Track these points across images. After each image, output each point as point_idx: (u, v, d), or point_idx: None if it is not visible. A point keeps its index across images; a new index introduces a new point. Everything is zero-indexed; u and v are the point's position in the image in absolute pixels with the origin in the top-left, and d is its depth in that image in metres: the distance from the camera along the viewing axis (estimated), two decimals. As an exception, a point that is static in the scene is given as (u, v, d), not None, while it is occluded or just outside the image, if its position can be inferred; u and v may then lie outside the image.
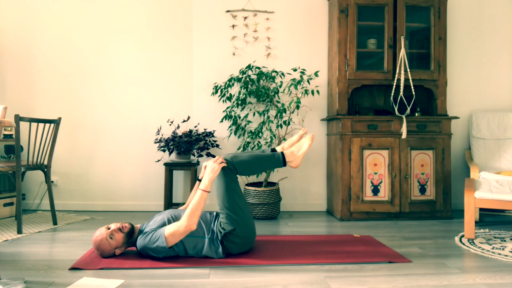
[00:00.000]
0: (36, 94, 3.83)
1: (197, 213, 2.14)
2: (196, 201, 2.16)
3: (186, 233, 2.13)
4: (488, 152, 3.78)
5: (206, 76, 3.88)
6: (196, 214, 2.13)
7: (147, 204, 3.84)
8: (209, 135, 3.63)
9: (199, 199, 2.16)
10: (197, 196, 2.17)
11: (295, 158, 2.42)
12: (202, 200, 2.16)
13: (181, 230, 2.11)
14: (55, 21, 3.83)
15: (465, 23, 4.05)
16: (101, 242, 2.18)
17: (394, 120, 3.47)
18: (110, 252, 2.21)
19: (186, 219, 2.11)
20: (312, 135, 2.47)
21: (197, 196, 2.18)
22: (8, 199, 3.49)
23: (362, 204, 3.42)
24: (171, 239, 2.12)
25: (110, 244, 2.18)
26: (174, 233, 2.12)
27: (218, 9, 3.89)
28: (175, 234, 2.12)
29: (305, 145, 2.44)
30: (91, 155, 3.84)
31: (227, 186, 2.27)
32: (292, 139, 2.59)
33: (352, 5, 3.50)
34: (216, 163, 2.25)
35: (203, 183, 2.21)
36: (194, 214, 2.12)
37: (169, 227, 2.14)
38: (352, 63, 3.52)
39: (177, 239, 2.13)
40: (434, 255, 2.40)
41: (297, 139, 2.58)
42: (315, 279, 1.96)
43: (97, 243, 2.19)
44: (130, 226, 2.23)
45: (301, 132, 2.57)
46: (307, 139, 2.45)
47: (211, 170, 2.24)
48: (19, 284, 1.76)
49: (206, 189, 2.19)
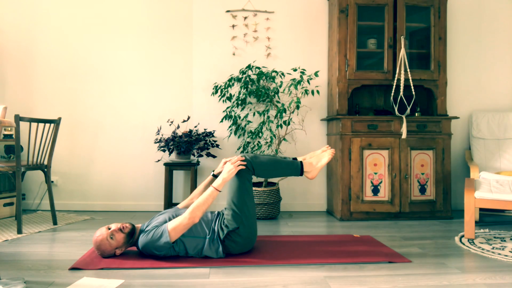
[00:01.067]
0: (36, 94, 3.83)
1: (203, 208, 2.17)
2: (205, 197, 2.20)
3: (189, 225, 2.15)
4: (488, 152, 3.79)
5: (206, 76, 3.88)
6: (202, 209, 2.17)
7: (147, 204, 3.84)
8: (209, 135, 3.63)
9: (208, 195, 2.20)
10: (207, 192, 2.21)
11: (313, 170, 2.46)
12: (211, 197, 2.20)
13: (185, 223, 2.13)
14: (55, 21, 3.83)
15: (465, 23, 4.05)
16: (102, 242, 2.18)
17: (394, 120, 3.47)
18: (111, 252, 2.21)
19: (190, 211, 2.15)
20: (333, 151, 2.51)
21: (208, 192, 2.22)
22: (8, 199, 3.49)
23: (362, 204, 3.42)
24: (173, 233, 2.13)
25: (110, 244, 2.18)
26: (177, 227, 2.13)
27: (218, 9, 3.89)
28: (178, 227, 2.13)
29: (325, 159, 2.47)
30: (91, 155, 3.84)
31: (241, 184, 2.29)
32: (315, 153, 2.61)
33: (352, 5, 3.50)
34: (234, 165, 2.26)
35: (217, 181, 2.25)
36: (199, 208, 2.16)
37: (172, 222, 2.16)
38: (352, 63, 3.52)
39: (180, 233, 2.15)
40: (434, 255, 2.40)
41: (319, 153, 2.60)
42: (315, 279, 1.96)
43: (98, 243, 2.18)
44: (131, 226, 2.23)
45: (324, 148, 2.59)
46: (327, 154, 2.49)
47: (228, 171, 2.26)
48: (19, 284, 1.76)
49: (218, 188, 2.23)
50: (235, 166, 2.27)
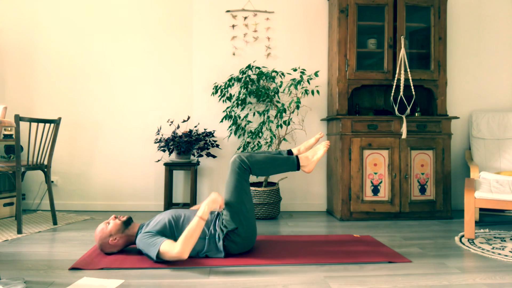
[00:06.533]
0: (36, 94, 3.83)
1: (192, 241, 2.08)
2: (192, 228, 2.10)
3: (175, 258, 2.07)
4: (488, 152, 3.78)
5: (206, 76, 3.88)
6: (191, 242, 2.08)
7: (147, 204, 3.84)
8: (209, 135, 3.63)
9: (195, 226, 2.11)
10: (193, 223, 2.12)
11: (309, 163, 2.44)
12: (198, 228, 2.12)
13: (172, 254, 2.05)
14: (55, 21, 3.83)
15: (465, 23, 4.05)
16: (99, 230, 2.25)
17: (394, 120, 3.47)
18: (106, 239, 2.23)
19: (180, 245, 2.06)
20: (328, 142, 2.49)
21: (194, 223, 2.12)
22: (8, 199, 3.49)
23: (362, 204, 3.42)
24: (162, 255, 2.08)
25: (106, 230, 2.24)
26: (166, 252, 2.07)
27: (218, 9, 3.89)
28: (166, 254, 2.07)
29: (320, 151, 2.45)
30: (91, 155, 3.84)
31: (238, 184, 2.28)
32: (308, 142, 2.60)
33: (352, 5, 3.50)
34: (220, 199, 2.24)
35: (201, 210, 2.17)
36: (188, 242, 2.07)
37: (166, 244, 2.08)
38: (352, 63, 3.52)
39: (166, 258, 2.08)
40: (434, 255, 2.40)
41: (313, 142, 2.60)
42: (315, 279, 1.96)
43: (96, 233, 2.26)
44: (127, 217, 2.30)
45: (317, 135, 2.58)
46: (322, 146, 2.47)
47: (213, 200, 2.22)
48: (19, 284, 1.76)
49: (204, 216, 2.15)
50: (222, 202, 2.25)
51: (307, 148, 2.59)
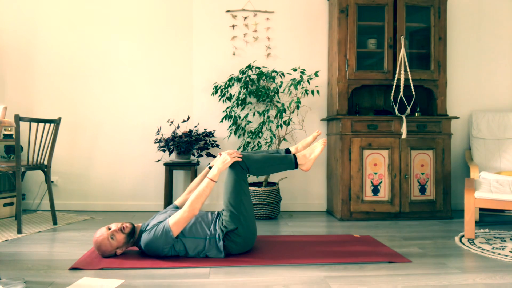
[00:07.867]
0: (36, 94, 3.83)
1: (201, 199, 2.18)
2: (202, 188, 2.21)
3: (189, 218, 2.16)
4: (488, 152, 3.78)
5: (206, 76, 3.88)
6: (200, 201, 2.18)
7: (147, 204, 3.84)
8: (209, 135, 3.63)
9: (205, 186, 2.22)
10: (203, 183, 2.23)
11: (307, 162, 2.45)
12: (208, 188, 2.22)
13: (185, 216, 2.15)
14: (55, 21, 3.83)
15: (465, 23, 4.05)
16: (102, 243, 2.17)
17: (394, 120, 3.47)
18: (111, 252, 2.21)
19: (189, 203, 2.16)
20: (325, 140, 2.49)
21: (204, 183, 2.23)
22: (8, 199, 3.49)
23: (362, 204, 3.42)
24: (175, 228, 2.15)
25: (111, 245, 2.18)
26: (178, 221, 2.15)
27: (218, 9, 3.89)
28: (179, 222, 2.15)
29: (317, 149, 2.46)
30: (91, 155, 3.84)
31: (236, 184, 2.29)
32: (306, 140, 2.62)
33: (352, 5, 3.50)
34: (229, 156, 2.28)
35: (211, 172, 2.26)
36: (198, 200, 2.17)
37: (172, 217, 2.17)
38: (352, 63, 3.52)
39: (181, 227, 2.16)
40: (434, 255, 2.40)
41: (311, 140, 2.62)
42: (315, 279, 1.96)
43: (98, 244, 2.18)
44: (131, 226, 2.23)
45: (315, 133, 2.60)
46: (320, 144, 2.47)
47: (223, 161, 2.28)
48: (19, 284, 1.76)
49: (214, 178, 2.24)
50: (232, 157, 2.28)
51: (305, 147, 2.60)
